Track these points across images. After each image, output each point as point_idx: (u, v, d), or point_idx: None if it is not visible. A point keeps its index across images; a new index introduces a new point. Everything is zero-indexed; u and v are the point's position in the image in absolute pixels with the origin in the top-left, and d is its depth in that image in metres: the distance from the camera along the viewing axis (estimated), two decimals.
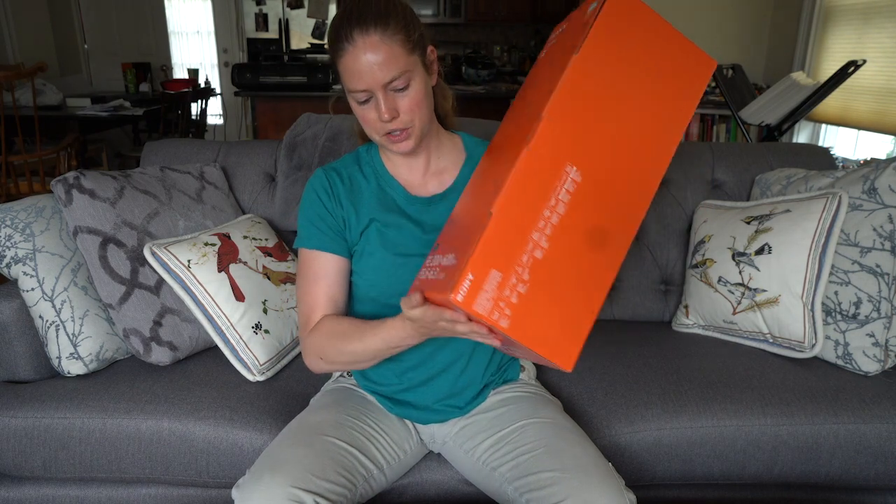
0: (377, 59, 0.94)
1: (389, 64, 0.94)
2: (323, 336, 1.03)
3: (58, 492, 1.25)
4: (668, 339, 1.51)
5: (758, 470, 1.22)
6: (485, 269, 0.71)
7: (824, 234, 1.33)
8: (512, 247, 0.73)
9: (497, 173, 0.79)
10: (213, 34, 6.19)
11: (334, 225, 1.09)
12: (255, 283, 1.35)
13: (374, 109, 0.98)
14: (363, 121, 1.02)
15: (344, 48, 0.95)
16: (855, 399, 1.24)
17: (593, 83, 0.78)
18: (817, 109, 3.06)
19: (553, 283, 0.76)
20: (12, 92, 2.98)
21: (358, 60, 0.94)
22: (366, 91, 0.97)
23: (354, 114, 1.04)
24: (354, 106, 1.01)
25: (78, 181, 1.29)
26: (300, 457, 0.94)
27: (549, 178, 0.75)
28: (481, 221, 0.74)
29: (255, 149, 1.69)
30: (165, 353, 1.30)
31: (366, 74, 0.95)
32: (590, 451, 0.99)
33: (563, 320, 0.76)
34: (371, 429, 1.08)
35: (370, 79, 0.95)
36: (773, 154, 1.72)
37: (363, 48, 0.94)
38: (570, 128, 0.76)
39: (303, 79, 3.57)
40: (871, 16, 2.91)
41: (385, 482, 1.09)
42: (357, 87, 0.96)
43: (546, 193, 0.75)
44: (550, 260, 0.75)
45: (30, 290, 1.26)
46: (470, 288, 0.71)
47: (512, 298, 0.73)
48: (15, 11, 4.81)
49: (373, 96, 0.97)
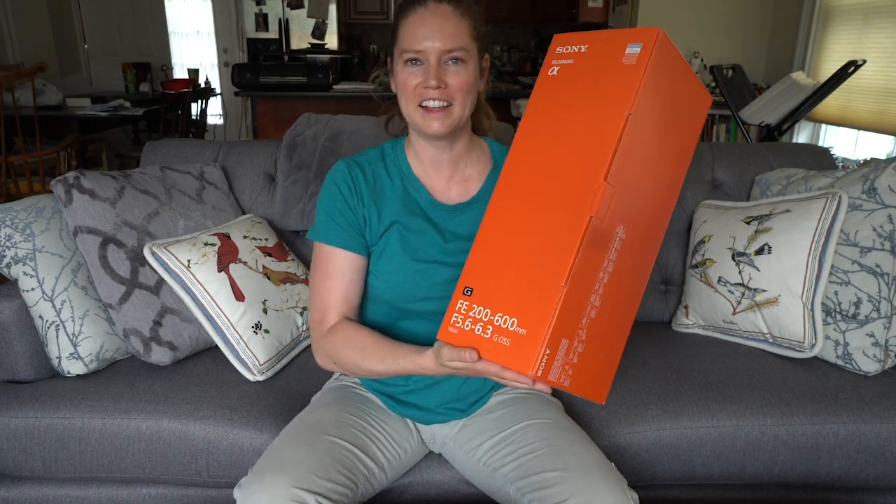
0: (443, 27, 0.97)
1: (453, 36, 0.98)
2: (339, 344, 1.03)
3: (58, 492, 1.25)
4: (667, 339, 1.51)
5: (758, 470, 1.22)
6: (557, 340, 0.73)
7: (824, 234, 1.33)
8: (576, 314, 0.75)
9: (551, 231, 0.76)
10: (213, 34, 6.19)
11: (354, 221, 1.07)
12: (255, 283, 1.35)
13: (420, 75, 0.99)
14: (404, 86, 1.02)
15: (413, 8, 0.98)
16: (855, 399, 1.24)
17: (641, 142, 0.78)
18: (817, 109, 3.07)
19: (601, 335, 0.80)
20: (12, 92, 2.98)
21: (425, 22, 0.97)
22: (420, 53, 0.98)
23: (395, 83, 1.04)
24: (400, 69, 1.02)
25: (78, 181, 1.29)
26: (302, 457, 0.94)
27: (606, 241, 0.76)
28: (549, 291, 0.73)
29: (255, 149, 1.69)
30: (165, 353, 1.30)
31: (428, 37, 0.97)
32: (592, 452, 0.99)
33: (605, 364, 0.81)
34: (372, 427, 1.08)
35: (430, 43, 0.97)
36: (773, 154, 1.72)
37: (434, 12, 0.98)
38: (621, 189, 0.76)
39: (303, 79, 3.57)
40: (871, 16, 2.91)
41: (386, 481, 1.09)
42: (414, 46, 0.98)
43: (602, 256, 0.76)
44: (601, 315, 0.78)
45: (30, 290, 1.26)
46: (546, 362, 0.72)
47: (573, 359, 0.76)
48: (15, 11, 4.81)
49: (424, 63, 0.99)
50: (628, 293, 0.83)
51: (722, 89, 2.70)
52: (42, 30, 5.18)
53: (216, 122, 6.24)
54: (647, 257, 0.85)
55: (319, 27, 5.75)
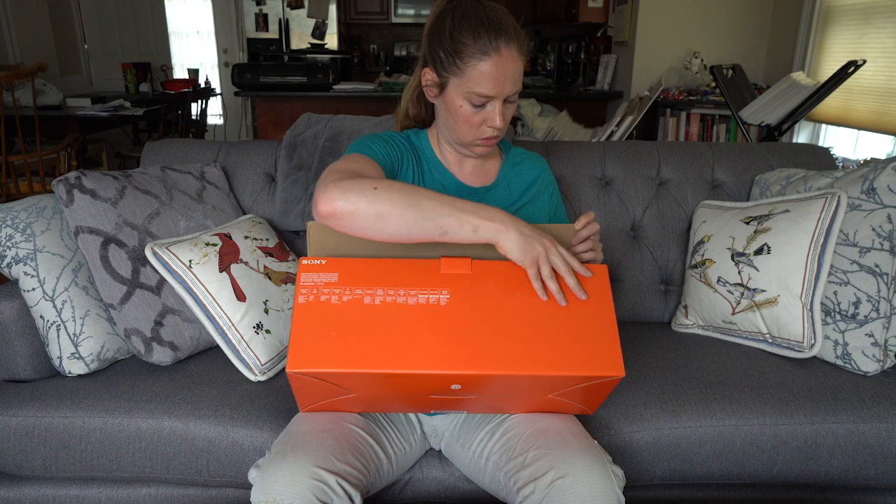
0: (513, 73, 1.01)
1: (518, 78, 1.03)
2: (368, 182, 0.90)
3: (58, 491, 1.25)
4: (667, 339, 1.51)
5: (757, 470, 1.22)
6: None
7: (823, 234, 1.33)
8: None
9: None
10: (213, 34, 6.19)
11: (390, 156, 1.10)
12: (257, 283, 1.35)
13: (484, 115, 1.04)
14: (467, 122, 1.06)
15: (487, 55, 1.00)
16: (854, 399, 1.24)
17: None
18: (817, 109, 3.07)
19: None
20: (12, 92, 2.98)
21: (499, 69, 1.00)
22: (489, 97, 1.02)
23: (451, 112, 1.07)
24: (463, 105, 1.04)
25: (79, 181, 1.30)
26: (321, 438, 0.96)
27: None
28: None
29: (255, 149, 1.69)
30: (167, 354, 1.30)
31: (501, 83, 1.01)
32: (574, 429, 1.02)
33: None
34: (382, 418, 1.11)
35: (502, 88, 1.01)
36: (772, 154, 1.72)
37: (508, 59, 1.00)
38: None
39: (303, 79, 3.57)
40: (871, 16, 2.91)
41: (392, 475, 1.10)
42: (487, 92, 1.01)
43: None
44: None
45: (30, 290, 1.26)
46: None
47: None
48: (15, 11, 4.81)
49: (489, 102, 1.03)
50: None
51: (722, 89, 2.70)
52: (42, 30, 5.18)
53: (216, 122, 6.25)
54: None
55: (319, 27, 5.75)
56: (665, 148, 1.73)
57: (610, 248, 1.66)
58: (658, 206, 1.67)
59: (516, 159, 1.25)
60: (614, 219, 1.66)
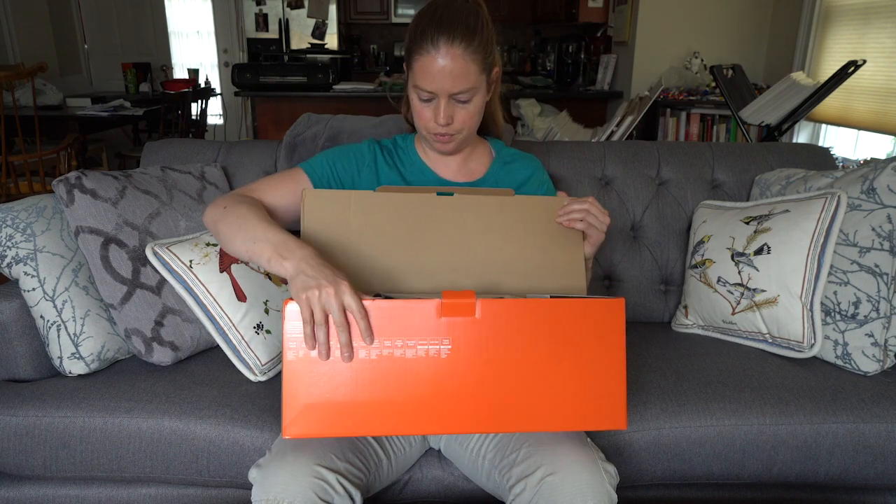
0: (453, 70, 1.01)
1: (462, 78, 1.02)
2: (232, 198, 1.06)
3: (58, 491, 1.25)
4: (667, 339, 1.51)
5: (757, 469, 1.22)
6: None
7: (823, 234, 1.33)
8: None
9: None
10: (213, 34, 6.19)
11: (338, 171, 1.18)
12: (257, 284, 1.35)
13: (432, 110, 1.07)
14: (418, 115, 1.10)
15: (426, 49, 1.01)
16: (854, 399, 1.24)
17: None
18: (817, 109, 3.07)
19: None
20: (12, 92, 2.98)
21: (435, 64, 1.01)
22: (431, 93, 1.04)
23: (411, 106, 1.12)
24: (414, 99, 1.09)
25: (80, 181, 1.30)
26: (321, 438, 0.96)
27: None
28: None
29: (255, 149, 1.69)
30: (167, 354, 1.30)
31: (438, 79, 1.02)
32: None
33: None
34: None
35: (440, 84, 1.02)
36: (772, 154, 1.72)
37: (445, 55, 1.00)
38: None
39: (303, 79, 3.58)
40: (871, 16, 2.91)
41: (392, 474, 1.10)
42: (426, 87, 1.04)
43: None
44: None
45: (31, 290, 1.26)
46: None
47: None
48: (15, 11, 4.81)
49: (435, 98, 1.05)
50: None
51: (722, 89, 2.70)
52: (42, 30, 5.18)
53: (216, 122, 6.25)
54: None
55: (319, 27, 5.75)
56: (665, 148, 1.73)
57: (610, 247, 1.66)
58: (658, 206, 1.67)
59: (507, 158, 1.27)
60: (614, 219, 1.66)
